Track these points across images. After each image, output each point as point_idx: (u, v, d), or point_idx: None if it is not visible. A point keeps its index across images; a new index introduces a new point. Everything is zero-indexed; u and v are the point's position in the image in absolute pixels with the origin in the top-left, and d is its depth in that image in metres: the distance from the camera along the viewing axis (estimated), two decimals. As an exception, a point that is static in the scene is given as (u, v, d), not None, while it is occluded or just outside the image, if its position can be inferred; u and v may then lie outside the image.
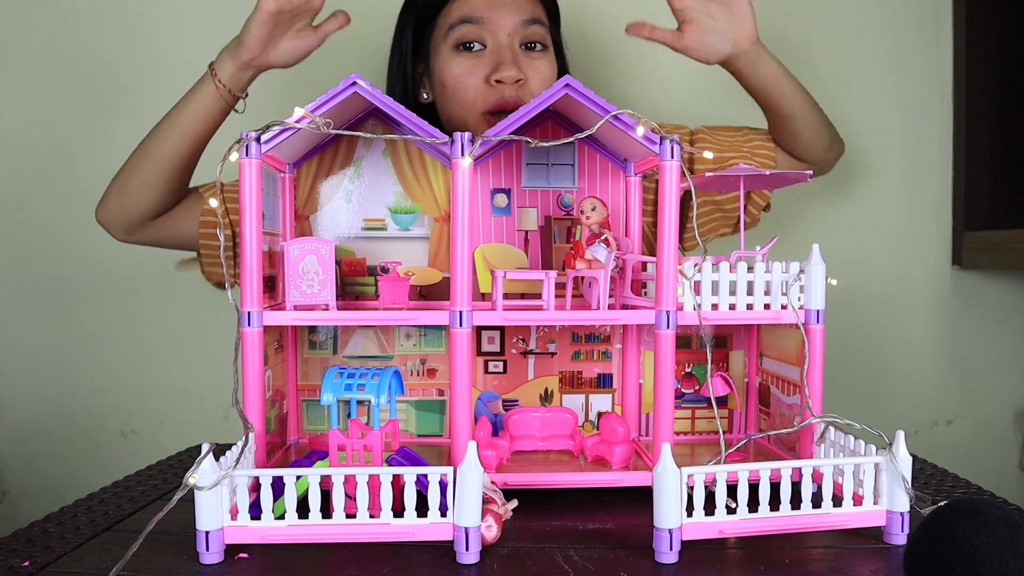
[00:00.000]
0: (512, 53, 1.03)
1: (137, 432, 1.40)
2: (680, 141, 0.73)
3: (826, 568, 0.62)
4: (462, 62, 1.04)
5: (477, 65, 1.03)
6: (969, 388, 1.41)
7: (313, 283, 0.76)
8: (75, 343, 1.38)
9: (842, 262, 1.31)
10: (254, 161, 0.72)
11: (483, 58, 1.03)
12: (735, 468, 0.65)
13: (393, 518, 0.64)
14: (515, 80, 1.01)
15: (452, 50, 1.04)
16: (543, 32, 1.06)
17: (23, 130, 1.36)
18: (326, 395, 0.72)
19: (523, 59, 1.04)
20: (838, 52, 1.36)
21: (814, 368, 0.76)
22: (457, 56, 1.04)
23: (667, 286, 0.73)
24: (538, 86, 1.04)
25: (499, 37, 1.03)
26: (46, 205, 1.36)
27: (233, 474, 0.63)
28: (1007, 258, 1.24)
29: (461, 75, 1.04)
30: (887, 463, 0.67)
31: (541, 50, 1.06)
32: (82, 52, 1.34)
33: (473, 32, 1.03)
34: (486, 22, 1.03)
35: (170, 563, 0.63)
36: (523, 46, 1.05)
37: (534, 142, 0.71)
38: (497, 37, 1.03)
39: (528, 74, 1.03)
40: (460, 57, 1.04)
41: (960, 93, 1.35)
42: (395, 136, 0.75)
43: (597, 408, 0.92)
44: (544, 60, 1.06)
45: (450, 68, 1.04)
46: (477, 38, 1.03)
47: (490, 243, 0.90)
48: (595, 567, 0.63)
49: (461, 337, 0.72)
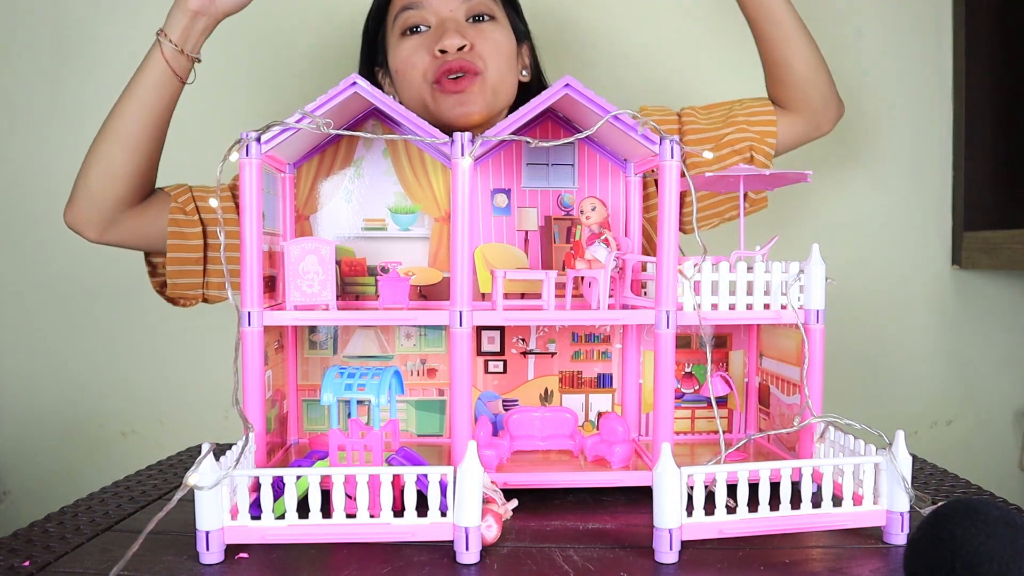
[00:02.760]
0: (455, 24, 1.02)
1: (137, 432, 1.40)
2: (673, 135, 0.73)
3: (826, 568, 0.62)
4: (408, 44, 1.04)
5: (422, 43, 1.03)
6: (969, 388, 1.41)
7: (313, 283, 0.76)
8: (75, 343, 1.38)
9: (842, 262, 1.31)
10: (254, 161, 0.72)
11: (428, 35, 1.03)
12: (735, 468, 0.65)
13: (393, 518, 0.64)
14: (458, 48, 1.01)
15: (400, 37, 1.05)
16: (489, 4, 1.06)
17: (20, 129, 1.36)
18: (326, 395, 0.72)
19: (469, 29, 1.03)
20: (838, 52, 1.36)
21: (814, 368, 0.76)
22: (404, 40, 1.05)
23: (667, 286, 0.73)
24: (490, 52, 1.03)
25: (442, 14, 1.03)
26: (45, 205, 1.36)
27: (233, 474, 0.63)
28: (1007, 258, 1.24)
29: (408, 55, 1.04)
30: (887, 463, 0.67)
31: (490, 20, 1.05)
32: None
33: (415, 16, 1.04)
34: (426, 4, 1.03)
35: (170, 563, 0.63)
36: (471, 19, 1.05)
37: (534, 142, 0.71)
38: (440, 14, 1.03)
39: (475, 41, 1.02)
40: (406, 40, 1.04)
41: (960, 93, 1.36)
42: (395, 136, 0.75)
43: (597, 408, 0.92)
44: (494, 28, 1.05)
45: (399, 53, 1.05)
46: (420, 20, 1.04)
47: (490, 243, 0.90)
48: (595, 567, 0.63)
49: (461, 337, 0.72)
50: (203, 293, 1.07)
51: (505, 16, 1.08)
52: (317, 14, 1.35)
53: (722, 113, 1.10)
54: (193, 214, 1.03)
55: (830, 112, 1.10)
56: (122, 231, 1.02)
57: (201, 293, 1.07)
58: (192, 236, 1.03)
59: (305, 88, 1.33)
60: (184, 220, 1.03)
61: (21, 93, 1.36)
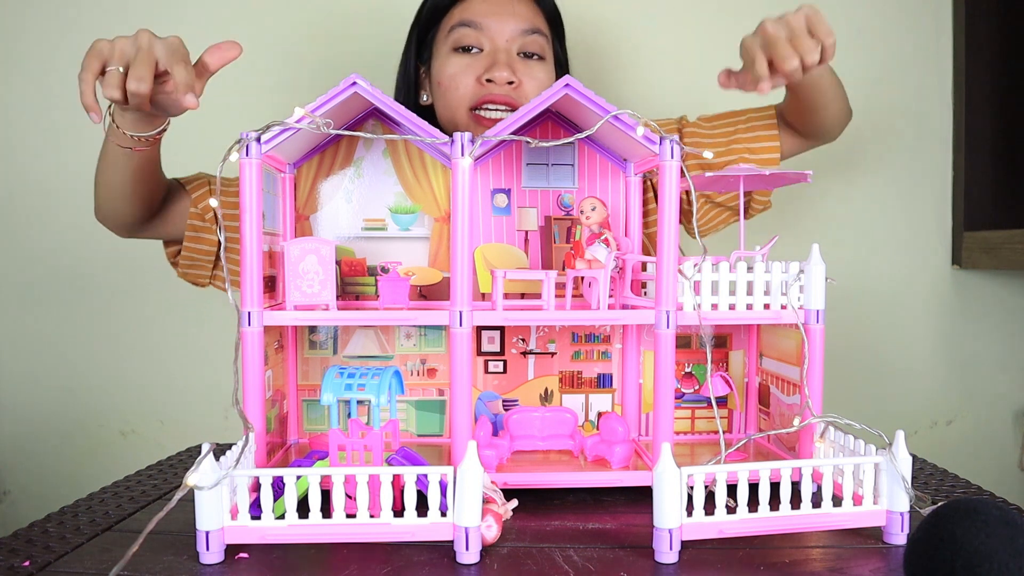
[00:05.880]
0: (507, 56, 1.04)
1: (137, 432, 1.40)
2: (679, 141, 0.73)
3: (826, 568, 0.62)
4: (458, 62, 1.05)
5: (471, 65, 1.04)
6: (969, 388, 1.41)
7: (313, 283, 0.76)
8: (75, 343, 1.38)
9: (842, 262, 1.32)
10: (254, 161, 0.72)
11: (479, 59, 1.04)
12: (735, 468, 0.65)
13: (393, 518, 0.64)
14: (507, 82, 1.02)
15: (451, 51, 1.06)
16: (542, 42, 1.07)
17: (21, 127, 1.36)
18: (326, 395, 0.72)
19: (519, 64, 1.05)
20: (838, 52, 1.35)
21: (814, 368, 0.76)
22: (454, 56, 1.05)
23: (667, 286, 0.73)
24: (533, 91, 1.05)
25: (497, 43, 1.04)
26: (45, 205, 1.36)
27: (233, 474, 0.63)
28: (1007, 258, 1.24)
29: (455, 74, 1.05)
30: (887, 463, 0.67)
31: (539, 60, 1.07)
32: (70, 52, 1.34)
33: (471, 36, 1.04)
34: (485, 28, 1.04)
35: (170, 563, 0.63)
36: (521, 54, 1.06)
37: (534, 142, 0.71)
38: (495, 42, 1.04)
39: (523, 79, 1.04)
40: (457, 57, 1.05)
41: (960, 93, 1.36)
42: (395, 136, 0.75)
43: (597, 408, 0.92)
44: (541, 68, 1.07)
45: (446, 67, 1.06)
46: (475, 42, 1.05)
47: (490, 243, 0.90)
48: (595, 567, 0.63)
49: (461, 337, 0.72)
50: (210, 283, 1.11)
51: (552, 54, 1.09)
52: (317, 14, 1.35)
53: (725, 134, 1.08)
54: (212, 222, 1.04)
55: (840, 129, 1.09)
56: (148, 233, 1.06)
57: (208, 282, 1.11)
58: (207, 242, 1.06)
59: (305, 88, 1.33)
60: (202, 227, 1.05)
61: (19, 93, 1.36)
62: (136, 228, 1.03)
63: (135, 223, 1.02)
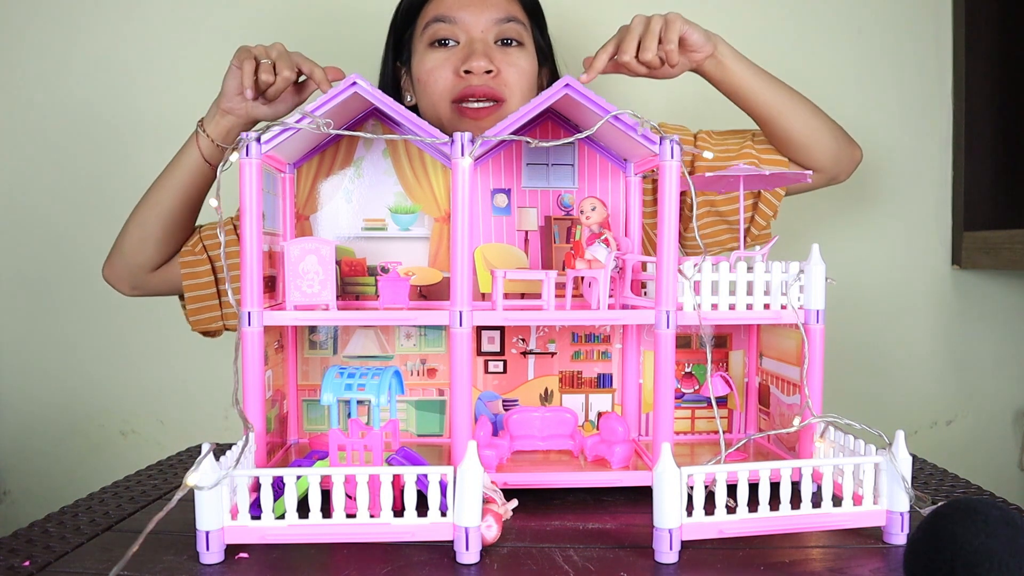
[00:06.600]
0: (484, 46, 1.03)
1: (137, 432, 1.40)
2: (680, 141, 0.73)
3: (826, 568, 0.62)
4: (435, 56, 1.05)
5: (448, 58, 1.04)
6: (969, 388, 1.41)
7: (313, 283, 0.76)
8: (75, 343, 1.38)
9: (842, 262, 1.32)
10: (254, 161, 0.72)
11: (455, 52, 1.04)
12: (735, 468, 0.65)
13: (393, 518, 0.64)
14: (484, 71, 1.01)
15: (427, 47, 1.06)
16: (519, 29, 1.06)
17: (21, 127, 1.36)
18: (326, 395, 0.72)
19: (496, 52, 1.04)
20: (838, 52, 1.36)
21: (814, 368, 0.76)
22: (431, 51, 1.05)
23: (667, 286, 0.73)
24: (514, 79, 1.04)
25: (472, 33, 1.04)
26: (45, 205, 1.36)
27: (233, 474, 0.63)
28: (1007, 258, 1.24)
29: (433, 68, 1.04)
30: (887, 463, 0.67)
31: (517, 46, 1.06)
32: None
33: (446, 29, 1.04)
34: (459, 20, 1.04)
35: (170, 563, 0.63)
36: (499, 42, 1.05)
37: (534, 142, 0.71)
38: (470, 33, 1.04)
39: (501, 67, 1.03)
40: (434, 52, 1.05)
41: (960, 93, 1.35)
42: (395, 136, 0.75)
43: (597, 408, 0.92)
44: (521, 54, 1.06)
45: (424, 63, 1.05)
46: (450, 35, 1.04)
47: (490, 243, 0.90)
48: (595, 567, 0.63)
49: (461, 337, 0.72)
50: (223, 325, 1.11)
51: (531, 40, 1.09)
52: (318, 14, 1.35)
53: (736, 144, 1.08)
54: (201, 253, 1.07)
55: (842, 166, 1.07)
56: (151, 287, 1.09)
57: (222, 325, 1.11)
58: (202, 274, 1.07)
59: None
60: (194, 260, 1.07)
61: (20, 92, 1.36)
62: (145, 275, 1.07)
63: (161, 260, 1.06)
